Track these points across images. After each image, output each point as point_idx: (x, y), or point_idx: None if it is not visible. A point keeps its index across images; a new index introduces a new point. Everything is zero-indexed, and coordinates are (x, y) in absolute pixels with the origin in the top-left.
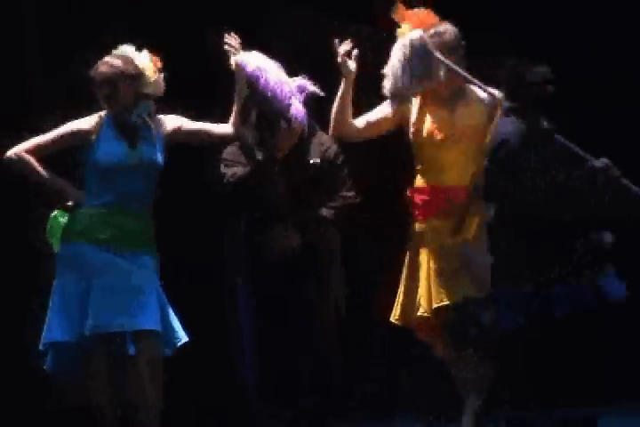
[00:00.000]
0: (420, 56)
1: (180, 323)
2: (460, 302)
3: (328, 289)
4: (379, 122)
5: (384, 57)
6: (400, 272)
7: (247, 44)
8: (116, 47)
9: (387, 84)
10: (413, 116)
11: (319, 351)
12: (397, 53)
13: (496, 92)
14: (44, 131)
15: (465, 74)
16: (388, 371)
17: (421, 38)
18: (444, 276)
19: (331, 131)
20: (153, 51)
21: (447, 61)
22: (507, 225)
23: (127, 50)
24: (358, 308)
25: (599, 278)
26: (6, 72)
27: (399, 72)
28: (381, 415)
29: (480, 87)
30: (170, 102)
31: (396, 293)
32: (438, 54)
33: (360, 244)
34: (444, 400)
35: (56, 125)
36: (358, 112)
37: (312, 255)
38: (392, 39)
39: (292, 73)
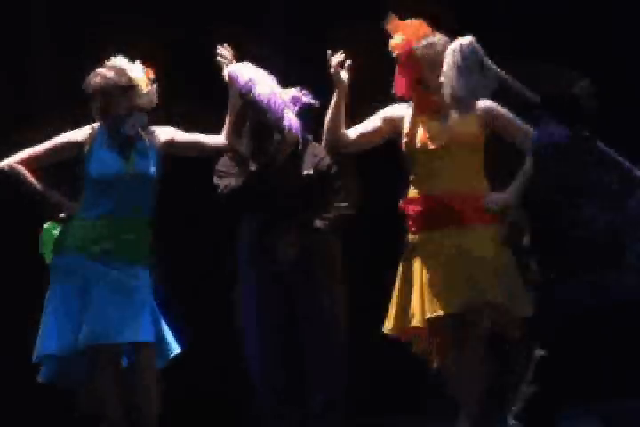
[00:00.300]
0: (472, 62)
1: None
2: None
3: (331, 292)
4: (371, 133)
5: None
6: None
7: (246, 45)
8: (116, 47)
9: (446, 93)
10: (406, 127)
11: (325, 352)
12: (449, 60)
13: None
14: (46, 137)
15: (511, 80)
16: (389, 371)
17: (471, 44)
18: (444, 284)
19: (324, 142)
20: (150, 56)
21: (494, 66)
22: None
23: (120, 61)
24: (360, 308)
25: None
26: (7, 72)
27: (455, 79)
28: (386, 416)
29: (525, 95)
30: (169, 104)
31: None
32: (487, 60)
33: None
34: (445, 400)
35: (58, 131)
36: (358, 119)
37: (310, 259)
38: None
39: (291, 78)
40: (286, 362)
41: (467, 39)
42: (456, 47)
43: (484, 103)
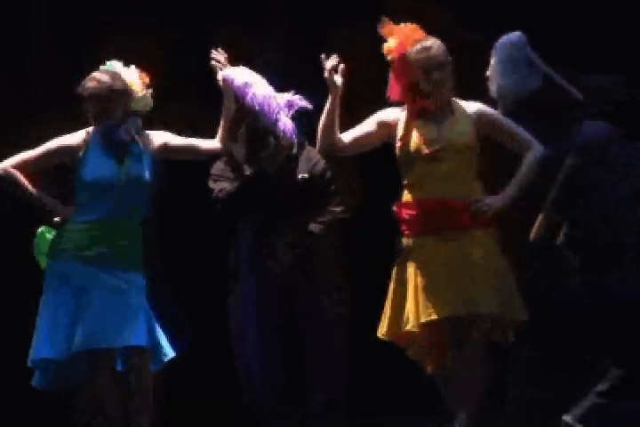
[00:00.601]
0: (518, 57)
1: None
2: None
3: (330, 292)
4: (366, 137)
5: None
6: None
7: (246, 45)
8: (116, 47)
9: (491, 88)
10: (400, 131)
11: (325, 352)
12: (496, 55)
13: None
14: (46, 137)
15: (558, 78)
16: (388, 371)
17: (519, 39)
18: (439, 288)
19: (318, 146)
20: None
21: (541, 62)
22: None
23: (115, 65)
24: (359, 309)
25: None
26: (7, 72)
27: (501, 74)
28: (385, 416)
29: (570, 92)
30: (169, 105)
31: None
32: (535, 57)
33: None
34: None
35: (59, 131)
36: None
37: (310, 260)
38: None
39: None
40: (286, 362)
41: (515, 35)
42: (504, 42)
43: (477, 107)
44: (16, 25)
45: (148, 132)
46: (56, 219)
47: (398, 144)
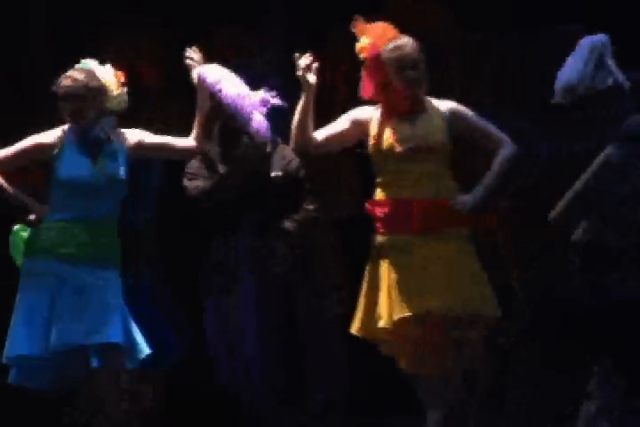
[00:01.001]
0: (593, 56)
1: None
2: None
3: (330, 292)
4: (340, 135)
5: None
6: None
7: (246, 45)
8: (116, 47)
9: (560, 75)
10: (373, 129)
11: (325, 352)
12: (578, 51)
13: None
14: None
15: (625, 82)
16: (388, 371)
17: (603, 41)
18: (413, 286)
19: (291, 145)
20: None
21: (614, 67)
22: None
23: (90, 64)
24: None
25: None
26: (7, 72)
27: (575, 66)
28: (385, 416)
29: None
30: (168, 104)
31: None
32: (610, 60)
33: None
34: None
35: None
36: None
37: (310, 260)
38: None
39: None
40: (286, 362)
41: (600, 36)
42: (587, 40)
43: (451, 105)
44: (16, 25)
45: (122, 130)
46: (31, 217)
47: (371, 142)
